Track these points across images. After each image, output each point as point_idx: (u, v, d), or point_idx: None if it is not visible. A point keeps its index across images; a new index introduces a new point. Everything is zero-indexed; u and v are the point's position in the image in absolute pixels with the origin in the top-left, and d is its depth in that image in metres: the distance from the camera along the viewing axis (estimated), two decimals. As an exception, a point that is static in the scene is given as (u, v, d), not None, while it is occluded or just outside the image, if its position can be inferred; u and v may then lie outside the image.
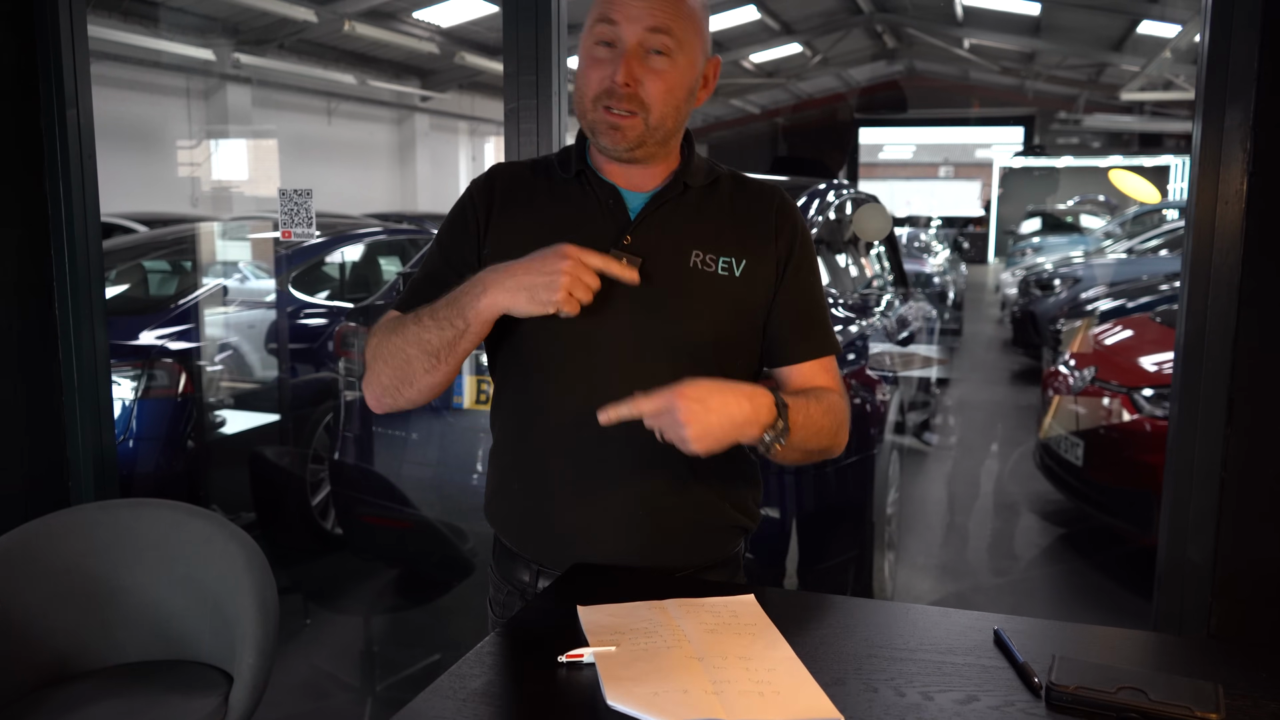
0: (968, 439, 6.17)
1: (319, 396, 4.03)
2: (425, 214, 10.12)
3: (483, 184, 1.41)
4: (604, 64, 1.26)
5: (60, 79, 2.44)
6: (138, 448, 3.54)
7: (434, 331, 1.25)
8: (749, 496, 1.42)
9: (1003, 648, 1.09)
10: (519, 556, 1.41)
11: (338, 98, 11.40)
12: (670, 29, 1.24)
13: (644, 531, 1.32)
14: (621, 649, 1.07)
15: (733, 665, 1.04)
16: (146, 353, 3.63)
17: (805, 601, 1.27)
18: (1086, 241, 11.27)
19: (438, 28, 10.37)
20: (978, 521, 4.66)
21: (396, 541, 3.33)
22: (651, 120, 1.27)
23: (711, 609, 1.18)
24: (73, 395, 2.57)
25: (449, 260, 1.36)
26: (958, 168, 17.23)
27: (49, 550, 2.18)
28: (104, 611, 2.20)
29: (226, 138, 9.94)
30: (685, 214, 1.34)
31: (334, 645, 3.35)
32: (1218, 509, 1.79)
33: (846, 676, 1.04)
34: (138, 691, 2.08)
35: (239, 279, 4.86)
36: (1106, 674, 0.99)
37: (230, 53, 9.34)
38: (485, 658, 1.09)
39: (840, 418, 1.34)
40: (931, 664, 1.07)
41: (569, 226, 1.30)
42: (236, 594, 2.10)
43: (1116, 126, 14.39)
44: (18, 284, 2.47)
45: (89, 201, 2.54)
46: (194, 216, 7.36)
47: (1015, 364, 7.91)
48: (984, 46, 12.96)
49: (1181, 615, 1.84)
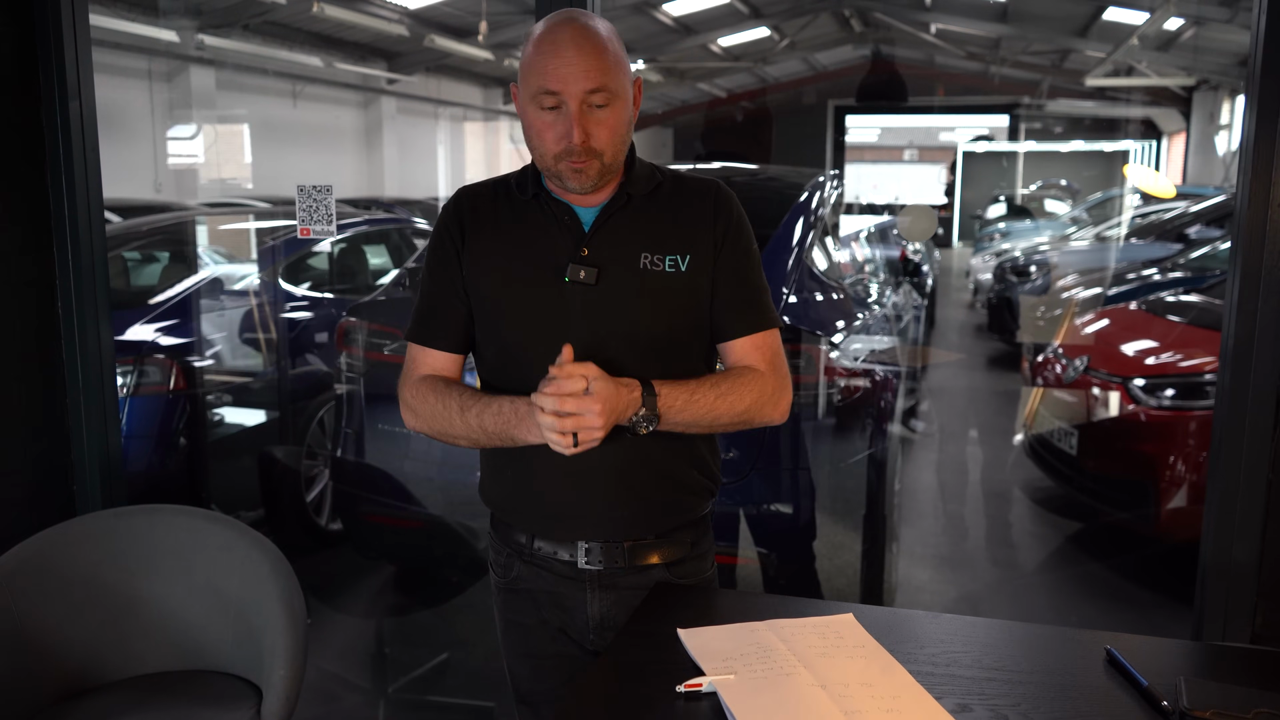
0: (951, 426, 6.21)
1: (312, 391, 3.95)
2: (395, 199, 9.98)
3: (451, 211, 1.56)
4: (554, 126, 1.39)
5: (62, 70, 2.34)
6: (129, 446, 3.44)
7: (481, 435, 1.46)
8: (709, 462, 1.57)
9: (1119, 669, 1.08)
10: (514, 525, 1.58)
11: (303, 80, 11.18)
12: (605, 85, 1.37)
13: (624, 503, 1.49)
14: (740, 677, 1.04)
15: (857, 693, 1.02)
16: (137, 348, 3.53)
17: (902, 619, 1.25)
18: (1052, 227, 11.40)
19: (406, 9, 10.19)
20: (971, 509, 4.70)
21: (405, 541, 3.27)
22: (606, 159, 1.42)
23: (816, 630, 1.15)
24: (77, 396, 2.48)
25: (442, 287, 1.54)
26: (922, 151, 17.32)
27: (63, 561, 2.11)
28: (123, 622, 2.13)
29: (190, 121, 9.71)
30: (632, 221, 1.48)
31: (338, 645, 3.29)
32: (1265, 510, 1.80)
33: (971, 702, 1.02)
34: (163, 704, 2.02)
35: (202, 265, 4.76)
36: (1237, 697, 0.98)
37: (194, 34, 9.11)
38: (596, 687, 1.05)
39: (754, 395, 1.46)
40: (1053, 686, 1.05)
41: (532, 242, 1.48)
42: (262, 603, 2.05)
43: (1080, 112, 14.56)
44: (19, 280, 2.38)
45: (92, 195, 2.45)
46: (163, 204, 7.19)
47: (991, 349, 7.98)
48: (951, 31, 13.02)
49: (1226, 615, 1.85)
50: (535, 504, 1.54)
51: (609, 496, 1.49)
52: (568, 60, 1.36)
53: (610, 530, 1.50)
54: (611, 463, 1.46)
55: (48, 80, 2.35)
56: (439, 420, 1.51)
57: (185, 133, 9.94)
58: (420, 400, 1.53)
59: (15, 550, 2.06)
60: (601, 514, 1.50)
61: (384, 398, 3.23)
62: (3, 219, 2.33)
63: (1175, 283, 5.72)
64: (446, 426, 1.51)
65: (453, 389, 1.52)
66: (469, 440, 1.49)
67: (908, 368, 5.23)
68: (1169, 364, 4.04)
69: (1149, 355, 4.16)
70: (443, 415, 1.50)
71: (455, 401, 1.49)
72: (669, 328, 1.47)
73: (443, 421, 1.50)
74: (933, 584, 3.85)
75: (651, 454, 1.48)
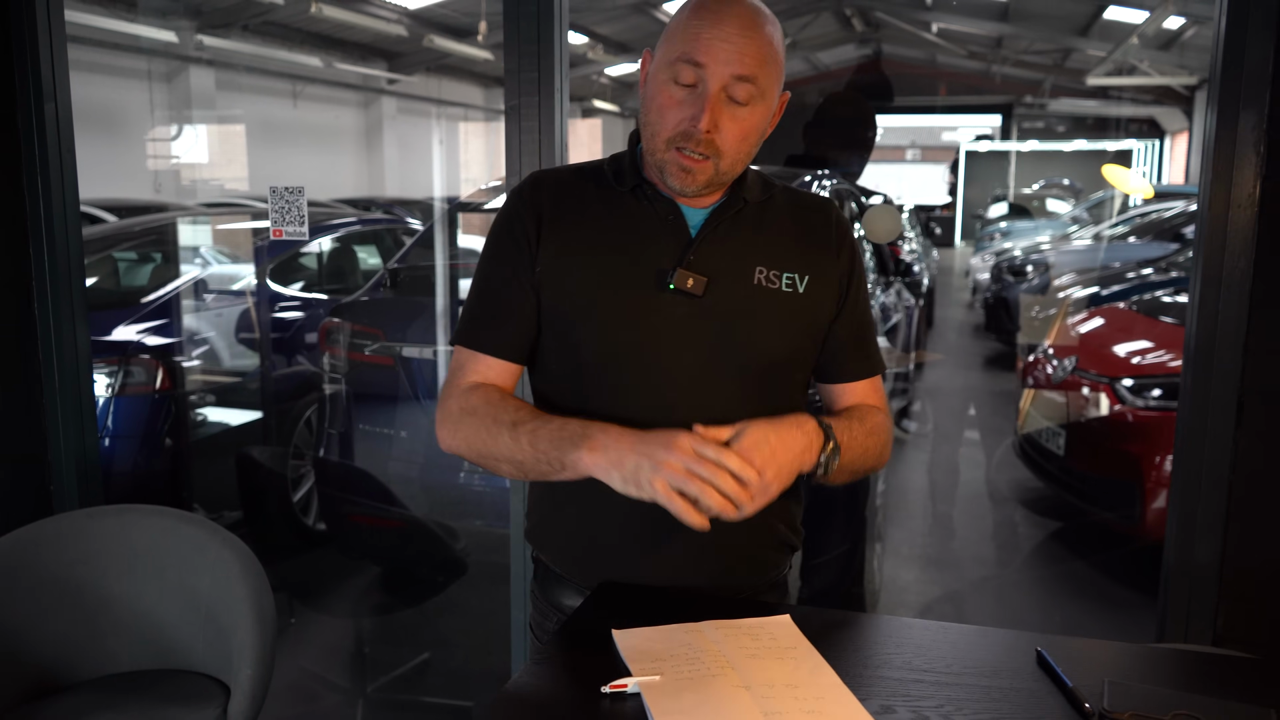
0: (944, 426, 6.21)
1: (299, 391, 3.96)
2: (394, 199, 10.00)
3: (529, 195, 1.34)
4: (683, 105, 1.22)
5: (38, 71, 2.35)
6: (114, 446, 3.46)
7: (528, 457, 1.23)
8: (796, 515, 1.41)
9: (1047, 670, 1.08)
10: (568, 581, 1.37)
11: (303, 80, 11.21)
12: (756, 76, 1.21)
13: (707, 556, 1.29)
14: (666, 678, 1.04)
15: (781, 694, 1.02)
16: (122, 349, 3.55)
17: (841, 620, 1.25)
18: (1053, 226, 11.37)
19: (405, 10, 10.22)
20: (960, 510, 4.69)
21: (385, 541, 3.28)
22: (723, 165, 1.25)
23: (750, 632, 1.16)
24: (54, 395, 2.50)
25: (506, 283, 1.32)
26: (924, 150, 17.29)
27: (36, 559, 2.12)
28: (94, 621, 2.15)
29: (190, 122, 9.74)
30: (746, 230, 1.32)
31: (320, 645, 3.31)
32: (1226, 511, 1.80)
33: (895, 703, 1.03)
34: (131, 703, 2.03)
35: (199, 264, 4.78)
36: (1159, 699, 0.98)
37: (193, 34, 9.14)
38: (525, 689, 1.06)
39: (886, 436, 1.34)
40: (979, 688, 1.05)
41: (630, 242, 1.29)
42: (231, 603, 2.06)
43: (1082, 111, 14.52)
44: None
45: (68, 197, 2.46)
46: (160, 204, 7.21)
47: (988, 349, 7.97)
48: (952, 31, 12.99)
49: (1188, 617, 1.85)
50: (603, 553, 1.32)
51: (691, 547, 1.25)
52: (726, 35, 1.19)
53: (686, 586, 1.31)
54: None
55: (23, 82, 2.36)
56: (482, 436, 1.26)
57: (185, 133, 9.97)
58: (466, 411, 1.29)
59: (-15, 549, 2.07)
60: (679, 567, 1.30)
61: (366, 398, 3.25)
62: (-22, 220, 2.35)
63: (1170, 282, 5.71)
64: (491, 445, 1.26)
65: (508, 401, 1.29)
66: (512, 465, 1.25)
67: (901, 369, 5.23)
68: (1157, 364, 4.03)
69: (1137, 355, 4.15)
70: (490, 431, 1.25)
71: (509, 415, 1.25)
72: (781, 354, 1.29)
73: (487, 438, 1.26)
74: (918, 584, 3.85)
75: None
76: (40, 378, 2.49)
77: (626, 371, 1.26)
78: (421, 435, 3.16)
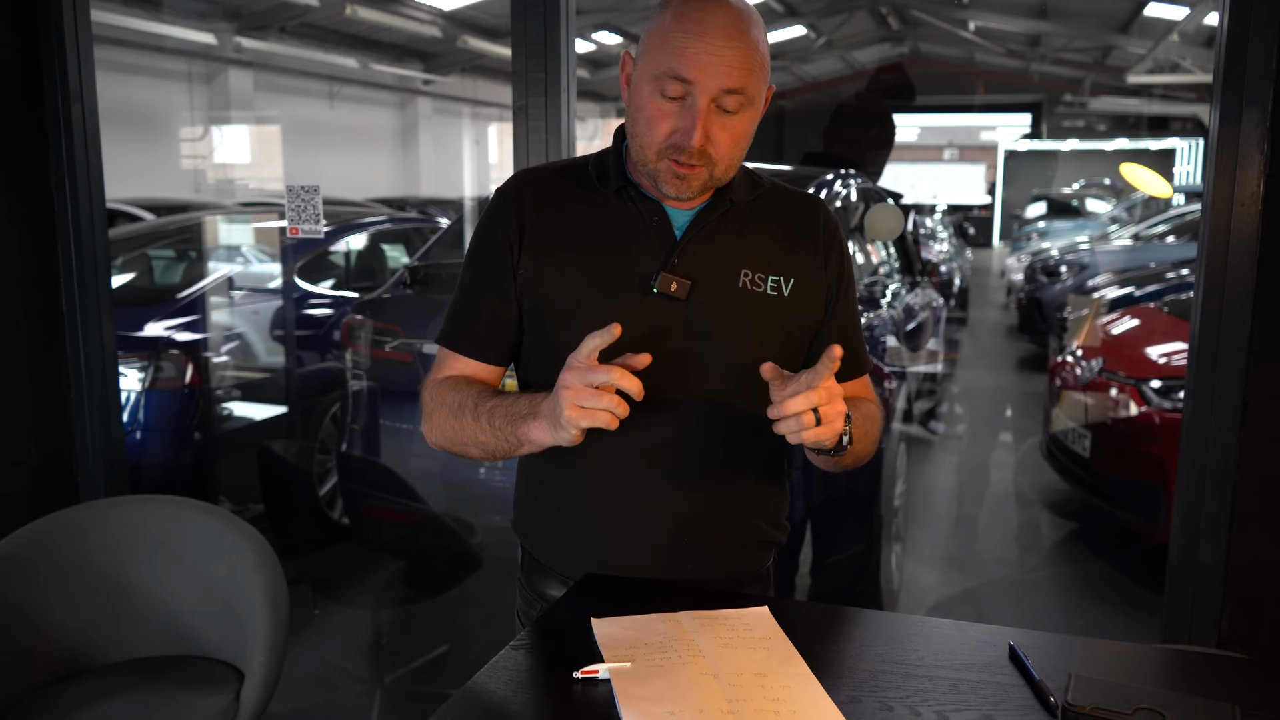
0: (974, 427, 6.16)
1: (326, 387, 4.03)
2: (428, 198, 10.10)
3: (510, 196, 1.34)
4: (671, 117, 1.21)
5: (65, 74, 2.42)
6: (145, 439, 3.54)
7: (489, 437, 1.25)
8: (780, 511, 1.43)
9: (1018, 664, 1.09)
10: (552, 571, 1.39)
11: (340, 81, 11.36)
12: (744, 88, 1.20)
13: (687, 553, 1.32)
14: (637, 665, 1.06)
15: (748, 683, 1.04)
16: (153, 344, 3.63)
17: (818, 613, 1.27)
18: (1092, 226, 11.23)
19: (440, 11, 10.31)
20: (986, 513, 4.66)
21: (404, 535, 3.33)
22: (717, 171, 1.25)
23: (726, 622, 1.17)
24: (80, 389, 2.57)
25: (486, 285, 1.33)
26: (963, 150, 17.13)
27: (59, 547, 2.18)
28: (114, 607, 2.20)
29: (229, 122, 9.91)
30: (731, 232, 1.31)
31: (342, 636, 3.36)
32: (1230, 512, 1.78)
33: (861, 694, 1.04)
34: (149, 687, 2.09)
35: (241, 263, 4.87)
36: (1123, 694, 0.99)
37: (232, 37, 9.30)
38: (500, 673, 1.09)
39: (879, 427, 1.38)
40: (947, 681, 1.06)
41: (613, 245, 1.28)
42: (246, 590, 2.11)
43: (1123, 109, 14.31)
44: (24, 279, 2.46)
45: (94, 195, 2.53)
46: (198, 203, 7.35)
47: (1021, 351, 7.90)
48: (990, 29, 12.85)
49: (1192, 618, 1.84)
50: (583, 547, 1.34)
51: (669, 545, 1.30)
52: (712, 49, 1.17)
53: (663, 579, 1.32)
54: (682, 505, 1.30)
55: (51, 84, 2.43)
56: (452, 424, 1.29)
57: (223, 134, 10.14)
58: (437, 404, 1.31)
59: (12, 536, 2.13)
60: (657, 562, 1.31)
61: (387, 393, 3.30)
62: (8, 219, 2.42)
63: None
64: (459, 430, 1.28)
65: (472, 386, 1.30)
66: (478, 448, 1.27)
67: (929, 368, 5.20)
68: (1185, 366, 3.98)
69: (1165, 357, 4.10)
70: (457, 416, 1.28)
71: (472, 399, 1.27)
72: (764, 356, 1.24)
73: (456, 424, 1.28)
74: (939, 586, 3.83)
75: (724, 500, 1.33)
76: (68, 372, 2.56)
77: None
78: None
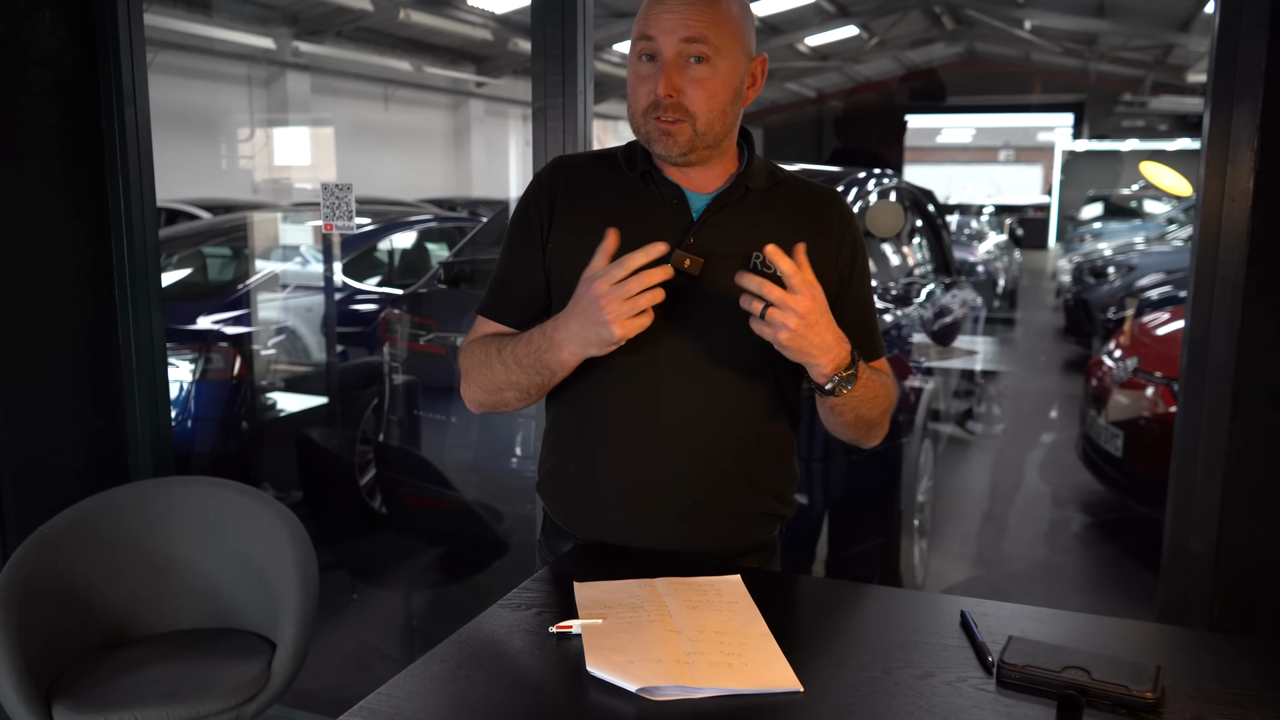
0: (1014, 428, 6.14)
1: (368, 380, 4.18)
2: (480, 199, 10.27)
3: (545, 178, 1.45)
4: (647, 79, 1.32)
5: (119, 79, 2.57)
6: (195, 428, 3.71)
7: (523, 376, 1.35)
8: (787, 487, 1.49)
9: (966, 629, 1.16)
10: (567, 534, 1.48)
11: (394, 84, 11.61)
12: (705, 37, 1.29)
13: (689, 521, 1.40)
14: (608, 622, 1.15)
15: (708, 639, 1.12)
16: (204, 337, 3.80)
17: (791, 584, 1.34)
18: (1148, 227, 11.05)
19: (492, 14, 10.50)
20: (1017, 512, 4.67)
21: (436, 521, 3.45)
22: (699, 126, 1.32)
23: (698, 588, 1.26)
24: (131, 378, 2.72)
25: (520, 260, 1.44)
26: (1019, 151, 16.91)
27: (110, 523, 2.33)
28: (158, 581, 2.34)
29: (286, 124, 10.19)
30: (747, 217, 1.38)
31: (378, 620, 3.50)
32: (1221, 502, 1.82)
33: (817, 652, 1.12)
34: (189, 656, 2.22)
35: (299, 262, 5.04)
36: (1055, 654, 1.05)
37: (290, 41, 9.57)
38: (483, 628, 1.18)
39: (890, 400, 1.42)
40: (896, 642, 1.13)
41: (633, 223, 1.34)
42: (280, 567, 2.23)
43: (1183, 109, 14.02)
44: (81, 272, 2.62)
45: (146, 195, 2.68)
46: (254, 203, 7.59)
47: (1068, 353, 7.83)
48: (1045, 27, 12.68)
49: (1185, 606, 1.88)
50: (595, 511, 1.43)
51: (675, 513, 1.39)
52: (670, 7, 1.30)
53: (668, 546, 1.40)
54: (687, 476, 1.38)
55: (106, 88, 2.59)
56: (485, 374, 1.39)
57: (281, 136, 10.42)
58: (469, 361, 1.42)
59: (65, 513, 2.28)
60: (661, 530, 1.39)
61: (422, 386, 3.43)
62: (66, 215, 2.58)
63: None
64: (491, 378, 1.38)
65: (490, 337, 1.42)
66: (515, 390, 1.37)
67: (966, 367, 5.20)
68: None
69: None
70: (487, 365, 1.38)
71: (495, 346, 1.38)
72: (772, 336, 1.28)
73: (487, 374, 1.39)
74: (966, 585, 3.86)
75: (729, 469, 1.40)
76: (120, 361, 2.72)
77: (628, 345, 1.28)
78: (473, 421, 3.32)
